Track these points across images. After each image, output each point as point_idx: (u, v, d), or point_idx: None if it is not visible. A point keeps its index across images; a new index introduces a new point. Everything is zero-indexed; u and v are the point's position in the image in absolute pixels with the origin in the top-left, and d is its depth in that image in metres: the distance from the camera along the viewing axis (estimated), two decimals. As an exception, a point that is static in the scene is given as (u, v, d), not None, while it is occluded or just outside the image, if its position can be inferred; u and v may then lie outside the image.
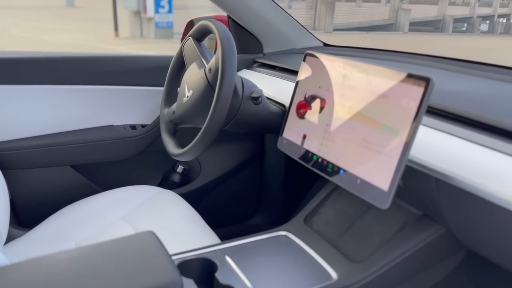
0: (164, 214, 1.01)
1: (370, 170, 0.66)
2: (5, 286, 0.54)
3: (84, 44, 9.62)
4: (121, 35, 11.48)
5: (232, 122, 0.93)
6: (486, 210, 0.62)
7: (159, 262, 0.58)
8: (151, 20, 11.09)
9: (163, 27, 11.35)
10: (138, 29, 11.59)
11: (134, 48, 9.47)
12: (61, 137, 1.14)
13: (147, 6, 10.80)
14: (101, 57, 1.17)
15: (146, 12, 10.89)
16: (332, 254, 0.78)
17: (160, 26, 11.23)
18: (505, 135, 0.62)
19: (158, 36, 11.22)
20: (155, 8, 10.89)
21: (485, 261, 0.77)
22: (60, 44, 9.38)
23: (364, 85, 0.70)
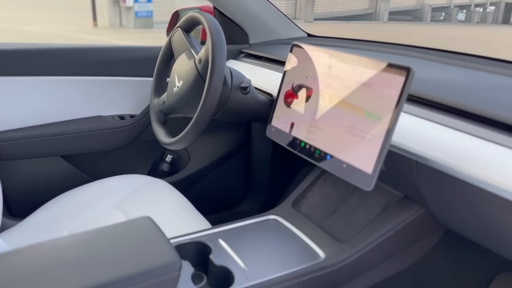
0: (155, 202, 1.04)
1: (355, 155, 0.70)
2: (10, 271, 0.56)
3: (61, 34, 9.43)
4: (99, 24, 11.28)
5: (222, 111, 0.96)
6: (463, 190, 0.67)
7: (158, 245, 0.61)
8: (130, 9, 10.93)
9: (143, 17, 11.20)
10: (117, 18, 11.40)
11: (113, 38, 9.33)
12: (51, 128, 1.15)
13: (126, -5, 10.64)
14: (90, 48, 1.18)
15: (125, 1, 10.72)
16: (320, 235, 0.82)
17: (139, 15, 11.08)
18: (480, 120, 0.67)
19: (137, 26, 11.07)
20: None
21: (462, 239, 0.82)
22: (36, 34, 9.17)
23: (349, 74, 0.73)
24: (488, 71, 0.92)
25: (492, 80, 0.86)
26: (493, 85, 0.82)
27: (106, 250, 0.60)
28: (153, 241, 0.62)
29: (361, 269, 0.79)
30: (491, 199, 0.61)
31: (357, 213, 0.84)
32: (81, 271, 0.55)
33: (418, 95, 0.77)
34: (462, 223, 0.75)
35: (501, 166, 0.60)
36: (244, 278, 0.70)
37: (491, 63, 0.97)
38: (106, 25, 11.34)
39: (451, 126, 0.68)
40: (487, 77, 0.89)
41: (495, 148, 0.62)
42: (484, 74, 0.91)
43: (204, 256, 0.77)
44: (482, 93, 0.77)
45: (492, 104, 0.70)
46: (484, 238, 0.75)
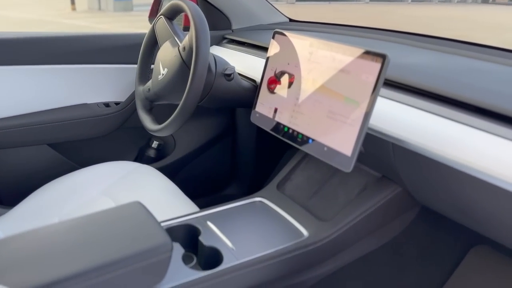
0: (143, 187, 1.06)
1: (335, 138, 0.74)
2: (7, 257, 0.59)
3: (39, 18, 9.20)
4: (78, 8, 11.02)
5: (207, 98, 0.98)
6: (436, 170, 0.71)
7: (150, 228, 0.64)
8: (109, -8, 10.70)
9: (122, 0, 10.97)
10: (96, 2, 11.15)
11: (92, 22, 9.14)
12: (36, 117, 1.15)
13: (104, -22, 10.40)
14: (74, 36, 1.18)
15: (104, -16, 10.49)
16: (303, 215, 0.86)
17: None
18: (453, 103, 0.71)
19: (117, 9, 10.85)
20: (113, -20, 10.51)
21: (438, 215, 0.87)
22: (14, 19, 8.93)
23: (328, 61, 0.77)
24: (462, 55, 0.96)
25: (465, 64, 0.90)
26: (466, 68, 0.86)
27: (100, 235, 0.62)
28: (145, 224, 0.65)
29: (342, 245, 0.84)
30: (463, 178, 0.66)
31: (338, 193, 0.88)
32: (77, 255, 0.58)
33: (394, 79, 0.80)
34: (436, 201, 0.80)
35: (472, 147, 0.64)
36: (232, 257, 0.74)
37: (465, 47, 1.01)
38: (84, 9, 11.09)
39: (425, 109, 0.72)
40: (461, 61, 0.93)
41: (467, 129, 0.66)
42: (458, 58, 0.96)
43: (193, 238, 0.81)
44: (455, 76, 0.81)
45: (464, 87, 0.74)
46: (458, 214, 0.80)
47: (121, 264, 0.58)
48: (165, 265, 0.63)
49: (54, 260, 0.58)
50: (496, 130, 0.64)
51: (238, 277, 0.72)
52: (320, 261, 0.83)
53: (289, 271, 0.79)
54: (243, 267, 0.73)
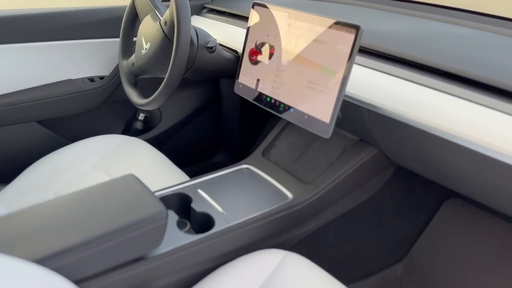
0: (133, 159, 1.10)
1: (315, 107, 0.78)
2: (15, 230, 0.63)
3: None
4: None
5: (190, 70, 1.01)
6: (408, 132, 0.76)
7: (145, 198, 0.69)
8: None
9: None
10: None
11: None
12: (23, 95, 1.17)
13: None
14: (54, 12, 1.18)
15: None
16: (287, 179, 0.92)
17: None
18: (423, 69, 0.76)
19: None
20: None
21: (412, 174, 0.94)
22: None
23: (306, 32, 0.80)
24: (436, 19, 1.00)
25: (438, 29, 0.94)
26: (438, 34, 0.90)
27: (99, 206, 0.67)
28: (140, 195, 0.70)
29: (324, 205, 0.90)
30: (432, 139, 0.71)
31: (319, 157, 0.94)
32: (80, 227, 0.63)
33: (370, 47, 0.84)
34: (409, 160, 0.87)
35: (441, 111, 0.69)
36: (223, 221, 0.80)
37: (440, 11, 1.05)
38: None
39: (398, 75, 0.77)
40: (433, 26, 0.97)
41: (435, 94, 0.72)
42: (431, 23, 0.99)
43: (186, 205, 0.86)
44: (426, 42, 0.85)
45: (434, 53, 0.78)
46: (430, 172, 0.87)
47: (121, 232, 0.64)
48: (162, 231, 0.68)
49: (60, 232, 0.62)
50: (463, 94, 0.69)
51: (229, 238, 0.79)
52: (304, 220, 0.90)
53: (276, 230, 0.85)
54: (234, 229, 0.79)
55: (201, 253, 0.76)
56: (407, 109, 0.73)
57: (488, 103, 0.66)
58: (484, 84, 0.67)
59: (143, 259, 0.70)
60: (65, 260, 0.60)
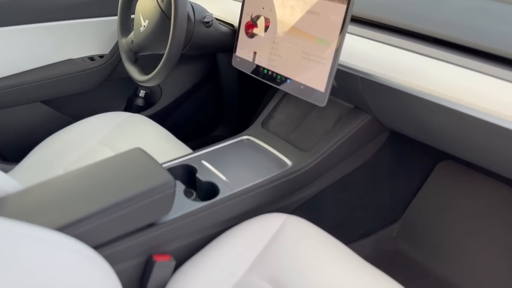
0: (137, 135, 1.14)
1: (310, 77, 0.82)
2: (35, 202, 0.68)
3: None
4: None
5: (188, 46, 1.04)
6: (400, 97, 0.80)
7: (153, 169, 0.74)
8: None
9: None
10: None
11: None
12: (26, 76, 1.20)
13: None
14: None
15: None
16: (286, 148, 0.96)
17: None
18: (415, 36, 0.79)
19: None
20: None
21: (406, 138, 0.98)
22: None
23: (300, 4, 0.83)
24: None
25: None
26: (429, 1, 0.93)
27: (111, 178, 0.72)
28: (148, 166, 0.74)
29: (322, 171, 0.95)
30: (423, 103, 0.75)
31: (316, 126, 0.98)
32: (95, 197, 0.68)
33: (362, 16, 0.87)
34: (402, 125, 0.91)
35: (430, 75, 0.73)
36: (227, 188, 0.85)
37: None
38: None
39: (389, 43, 0.80)
40: None
41: (425, 60, 0.75)
42: None
43: (191, 175, 0.91)
44: (417, 9, 0.88)
45: (425, 20, 0.81)
46: (423, 135, 0.91)
47: (133, 201, 0.68)
48: (171, 199, 0.73)
49: (76, 203, 0.67)
50: (452, 59, 0.72)
51: (234, 204, 0.84)
52: (303, 186, 0.95)
53: (277, 196, 0.90)
54: (237, 196, 0.84)
55: (208, 219, 0.81)
56: (398, 75, 0.76)
57: (474, 66, 0.69)
58: (471, 48, 0.70)
59: (154, 225, 0.75)
60: (83, 228, 0.64)
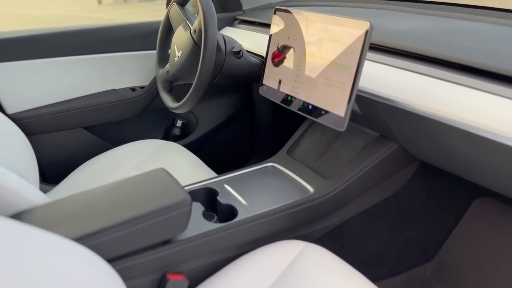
0: (170, 161, 1.18)
1: (331, 102, 0.82)
2: (58, 213, 0.72)
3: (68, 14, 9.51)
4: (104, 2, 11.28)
5: (219, 76, 1.08)
6: (422, 124, 0.78)
7: (172, 188, 0.76)
8: (133, -16, 10.88)
9: (146, -10, 11.14)
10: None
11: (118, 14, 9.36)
12: (72, 103, 1.29)
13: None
14: (99, 28, 1.30)
15: (127, -24, 10.67)
16: (310, 175, 0.95)
17: (142, -11, 11.03)
18: (439, 63, 0.78)
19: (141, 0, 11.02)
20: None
21: (437, 169, 0.94)
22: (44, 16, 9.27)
23: (322, 32, 0.84)
24: (452, 17, 1.01)
25: (453, 26, 0.95)
26: (451, 30, 0.91)
27: (130, 195, 0.74)
28: (168, 185, 0.77)
29: (346, 199, 0.93)
30: (447, 129, 0.72)
31: (341, 154, 0.97)
32: (114, 211, 0.70)
33: (384, 44, 0.87)
34: (429, 154, 0.87)
35: (454, 101, 0.70)
36: (245, 211, 0.85)
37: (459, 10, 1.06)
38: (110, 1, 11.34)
39: (411, 70, 0.79)
40: (449, 23, 0.98)
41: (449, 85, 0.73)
42: (447, 20, 1.00)
43: (212, 198, 0.92)
44: (441, 37, 0.86)
45: (448, 47, 0.80)
46: (453, 166, 0.86)
47: (149, 217, 0.70)
48: (187, 217, 0.74)
49: (95, 216, 0.70)
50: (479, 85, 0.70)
51: (251, 228, 0.83)
52: (326, 214, 0.92)
53: (298, 223, 0.89)
54: (255, 219, 0.83)
55: (224, 241, 0.81)
56: (420, 100, 0.75)
57: (498, 91, 0.66)
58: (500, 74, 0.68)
59: (170, 243, 0.76)
60: (98, 240, 0.67)
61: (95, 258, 0.60)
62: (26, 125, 1.23)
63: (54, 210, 0.74)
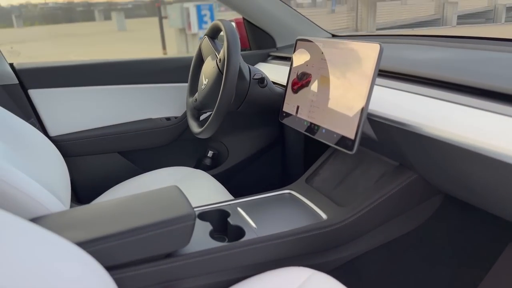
0: (192, 186, 1.20)
1: (342, 125, 0.81)
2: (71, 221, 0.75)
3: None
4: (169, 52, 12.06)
5: (243, 103, 1.11)
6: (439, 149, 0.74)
7: (179, 203, 0.77)
8: (196, 36, 11.59)
9: (208, 42, 11.78)
10: (184, 45, 12.12)
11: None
12: (110, 129, 1.37)
13: (191, 23, 11.30)
14: (140, 60, 1.40)
15: (191, 29, 11.40)
16: (325, 202, 0.93)
17: (204, 40, 11.70)
18: (452, 88, 0.75)
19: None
20: (199, 24, 11.38)
21: (463, 204, 0.87)
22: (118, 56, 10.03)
23: (336, 57, 0.85)
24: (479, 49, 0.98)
25: (475, 55, 0.92)
26: (472, 59, 0.89)
27: (139, 207, 0.76)
28: (175, 200, 0.78)
29: (361, 230, 0.88)
30: (459, 152, 0.68)
31: (358, 183, 0.94)
32: (117, 221, 0.72)
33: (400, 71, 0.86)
34: (450, 184, 0.82)
35: (474, 126, 0.66)
36: (253, 233, 0.83)
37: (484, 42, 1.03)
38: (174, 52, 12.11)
39: (425, 94, 0.77)
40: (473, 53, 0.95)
41: (457, 108, 0.70)
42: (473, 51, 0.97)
43: (223, 219, 0.91)
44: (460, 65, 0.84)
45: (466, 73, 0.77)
46: (481, 201, 0.80)
47: (151, 228, 0.71)
48: (189, 231, 0.74)
49: (101, 224, 0.72)
50: (497, 108, 0.66)
51: (257, 250, 0.81)
52: (339, 244, 0.88)
53: (309, 250, 0.86)
54: (262, 241, 0.81)
55: (228, 260, 0.79)
56: (433, 123, 0.72)
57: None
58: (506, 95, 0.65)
59: (171, 257, 0.76)
60: (99, 246, 0.68)
61: (94, 263, 0.62)
62: (65, 147, 1.32)
63: (66, 217, 0.78)
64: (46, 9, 48.21)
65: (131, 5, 44.15)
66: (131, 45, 14.53)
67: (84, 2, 42.06)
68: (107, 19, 29.77)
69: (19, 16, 32.81)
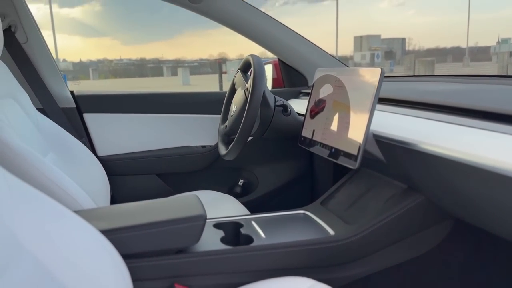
0: (220, 208, 1.28)
1: (348, 144, 0.87)
2: (95, 215, 0.85)
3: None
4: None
5: (268, 130, 1.19)
6: (440, 167, 0.76)
7: (194, 206, 0.85)
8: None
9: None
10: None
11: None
12: (151, 153, 1.51)
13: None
14: (183, 93, 1.56)
15: (248, 83, 11.96)
16: (335, 221, 0.96)
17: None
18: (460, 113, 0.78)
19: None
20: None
21: (476, 229, 0.86)
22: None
23: (346, 83, 0.93)
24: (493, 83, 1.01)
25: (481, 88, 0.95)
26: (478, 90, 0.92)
27: (159, 208, 0.85)
28: (191, 204, 0.86)
29: (368, 249, 0.90)
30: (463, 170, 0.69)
31: (368, 204, 0.97)
32: (137, 217, 0.81)
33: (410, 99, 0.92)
34: (456, 206, 0.83)
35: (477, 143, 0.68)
36: (261, 241, 0.89)
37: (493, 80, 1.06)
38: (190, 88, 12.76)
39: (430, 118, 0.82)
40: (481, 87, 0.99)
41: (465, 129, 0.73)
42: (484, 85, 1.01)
43: (236, 230, 0.97)
44: (469, 94, 0.88)
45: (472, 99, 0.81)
46: (493, 226, 0.79)
47: (165, 224, 0.79)
48: (199, 230, 0.81)
49: (123, 218, 0.81)
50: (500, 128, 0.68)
51: (264, 256, 0.86)
52: (346, 261, 0.91)
53: (315, 263, 0.89)
54: (268, 248, 0.86)
55: (235, 263, 0.85)
56: (435, 141, 0.74)
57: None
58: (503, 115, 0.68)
59: (182, 253, 0.83)
60: (118, 235, 0.77)
61: (113, 250, 0.71)
62: (109, 166, 1.46)
63: (96, 211, 0.89)
64: (120, 64, 52.38)
65: (197, 63, 46.86)
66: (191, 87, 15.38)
67: (154, 59, 45.19)
68: (174, 74, 31.77)
69: (95, 69, 35.85)
